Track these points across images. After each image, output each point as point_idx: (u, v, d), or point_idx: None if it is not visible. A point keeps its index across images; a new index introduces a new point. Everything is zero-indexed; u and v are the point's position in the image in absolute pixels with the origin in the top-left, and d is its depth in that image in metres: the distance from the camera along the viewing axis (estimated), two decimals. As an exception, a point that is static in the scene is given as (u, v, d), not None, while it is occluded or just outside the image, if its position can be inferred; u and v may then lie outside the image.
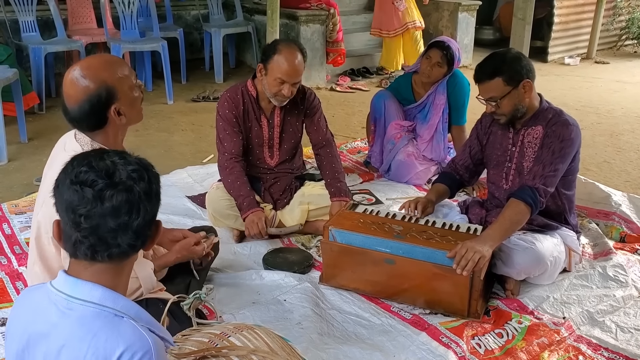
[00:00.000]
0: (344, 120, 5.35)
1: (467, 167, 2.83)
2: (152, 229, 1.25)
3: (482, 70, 2.52)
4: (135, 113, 1.92)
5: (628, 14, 8.76)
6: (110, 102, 1.81)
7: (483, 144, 2.77)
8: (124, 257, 1.22)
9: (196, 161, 4.18)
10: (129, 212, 1.17)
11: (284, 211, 3.05)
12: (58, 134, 1.98)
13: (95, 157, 1.20)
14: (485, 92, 2.51)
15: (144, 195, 1.19)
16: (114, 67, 1.85)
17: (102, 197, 1.15)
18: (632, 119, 5.45)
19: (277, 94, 2.80)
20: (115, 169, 1.18)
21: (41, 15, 5.76)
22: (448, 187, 2.82)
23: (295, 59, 2.77)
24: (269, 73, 2.79)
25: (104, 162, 1.18)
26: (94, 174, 1.16)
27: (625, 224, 3.15)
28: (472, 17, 7.47)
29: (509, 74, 2.45)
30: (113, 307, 1.18)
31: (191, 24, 7.31)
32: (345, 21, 7.01)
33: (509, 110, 2.50)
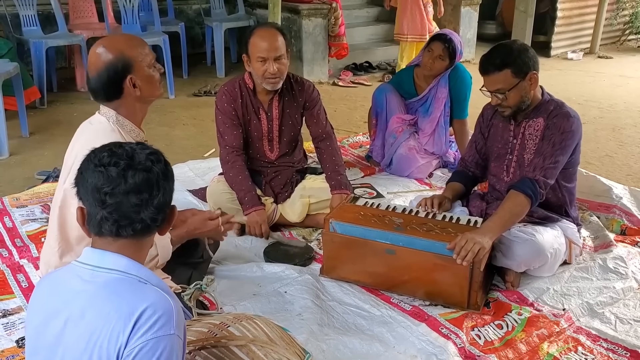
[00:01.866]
0: (346, 115, 5.34)
1: (477, 162, 2.83)
2: (169, 209, 1.35)
3: (489, 62, 2.48)
4: (150, 88, 2.04)
5: (632, 9, 8.73)
6: (126, 73, 1.97)
7: (485, 137, 2.77)
8: (147, 231, 1.31)
9: (197, 155, 4.19)
10: (149, 189, 1.28)
11: (284, 205, 3.05)
12: (59, 129, 2.04)
13: (115, 145, 1.33)
14: (492, 84, 2.48)
15: (162, 174, 1.31)
16: (134, 43, 2.03)
17: (125, 176, 1.25)
18: (634, 113, 5.44)
19: (264, 75, 2.78)
20: (134, 152, 1.29)
21: (42, 10, 5.76)
22: (463, 185, 2.82)
23: (270, 35, 2.77)
24: (251, 58, 2.80)
25: (123, 148, 1.30)
26: (116, 157, 1.27)
27: (626, 216, 3.14)
28: (474, 12, 7.45)
29: (517, 65, 2.43)
30: (137, 275, 1.27)
31: (193, 18, 7.31)
32: (348, 15, 6.99)
33: (515, 102, 2.48)
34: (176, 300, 1.26)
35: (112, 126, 2.00)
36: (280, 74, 2.81)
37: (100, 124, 2.02)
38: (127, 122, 2.04)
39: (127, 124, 2.04)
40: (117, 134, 1.98)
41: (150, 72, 2.02)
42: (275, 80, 2.82)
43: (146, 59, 2.01)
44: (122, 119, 2.03)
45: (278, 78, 2.81)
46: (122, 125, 2.03)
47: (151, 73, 2.03)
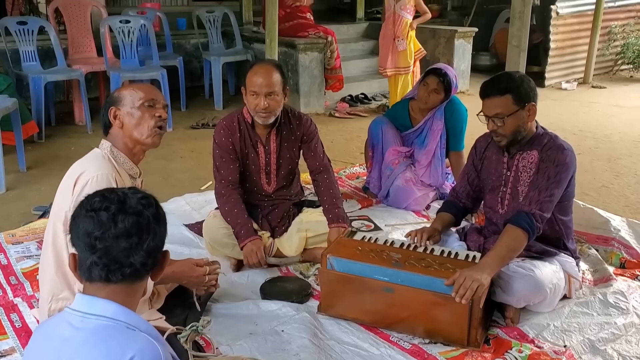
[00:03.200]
0: (342, 146, 5.36)
1: (468, 194, 2.83)
2: (160, 254, 1.35)
3: (492, 86, 2.50)
4: (133, 126, 2.11)
5: (623, 39, 8.85)
6: (111, 105, 2.13)
7: (478, 170, 2.78)
8: (137, 277, 1.31)
9: (194, 188, 4.18)
10: (139, 233, 1.28)
11: (281, 239, 3.03)
12: (57, 163, 2.08)
13: (107, 190, 1.35)
14: (491, 108, 2.49)
15: (153, 218, 1.31)
16: (137, 85, 2.24)
17: (115, 220, 1.26)
18: (629, 144, 5.47)
19: (255, 108, 2.81)
20: (126, 197, 1.31)
21: (42, 45, 5.81)
22: (453, 216, 2.82)
23: (265, 71, 2.81)
24: (247, 91, 2.84)
25: (116, 193, 1.32)
26: (108, 202, 1.29)
27: (625, 249, 3.13)
28: (468, 44, 7.55)
29: (519, 93, 2.45)
30: (126, 321, 1.26)
31: (191, 52, 7.38)
32: (343, 49, 7.08)
33: (512, 131, 2.48)
34: (165, 347, 1.26)
35: (104, 154, 2.10)
36: (271, 110, 2.83)
37: (94, 152, 2.14)
38: (121, 155, 2.12)
39: (121, 156, 2.12)
40: (108, 162, 2.07)
41: (136, 111, 2.11)
42: (266, 115, 2.84)
43: (135, 97, 2.12)
44: (117, 152, 2.12)
45: (269, 113, 2.84)
46: (116, 157, 2.11)
47: (137, 112, 2.11)
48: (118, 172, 2.07)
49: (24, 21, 5.50)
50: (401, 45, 6.04)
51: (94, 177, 1.98)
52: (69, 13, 6.02)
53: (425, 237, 2.61)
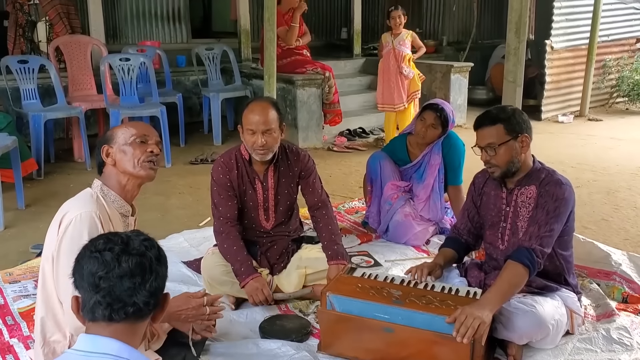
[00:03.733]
0: (341, 180, 5.37)
1: (469, 230, 2.83)
2: (162, 295, 1.38)
3: (484, 116, 2.56)
4: (126, 162, 2.10)
5: (617, 73, 8.96)
6: (104, 144, 2.14)
7: (477, 206, 2.78)
8: (139, 316, 1.33)
9: (193, 224, 4.17)
10: (142, 273, 1.31)
11: (280, 276, 3.01)
12: (56, 200, 2.07)
13: (111, 233, 1.40)
14: (484, 138, 2.52)
15: (155, 259, 1.35)
16: (130, 123, 2.27)
17: (119, 260, 1.30)
18: (627, 176, 5.48)
19: (252, 146, 2.83)
20: (129, 239, 1.35)
21: (42, 83, 5.88)
22: (455, 251, 2.81)
23: (261, 109, 2.83)
24: (244, 129, 2.85)
25: (119, 236, 1.36)
26: (111, 243, 1.33)
27: (627, 283, 3.10)
28: (464, 79, 7.63)
29: (510, 123, 2.49)
30: (129, 359, 1.28)
31: (190, 89, 7.45)
32: (341, 84, 7.16)
33: (505, 161, 2.50)
34: None
35: (94, 193, 2.09)
36: (269, 147, 2.84)
37: (84, 192, 2.12)
38: (112, 193, 2.12)
39: (111, 195, 2.11)
40: (95, 201, 2.05)
41: (129, 147, 2.11)
42: (264, 152, 2.85)
43: (127, 134, 2.12)
44: (107, 190, 2.11)
45: (267, 150, 2.85)
46: (106, 195, 2.10)
47: (129, 148, 2.11)
48: (107, 211, 2.06)
49: (25, 60, 5.57)
50: (410, 73, 6.17)
51: (77, 216, 1.97)
52: (69, 51, 6.10)
53: (426, 272, 2.59)
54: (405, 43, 6.17)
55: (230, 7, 9.16)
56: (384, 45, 6.28)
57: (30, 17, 6.29)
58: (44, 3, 6.21)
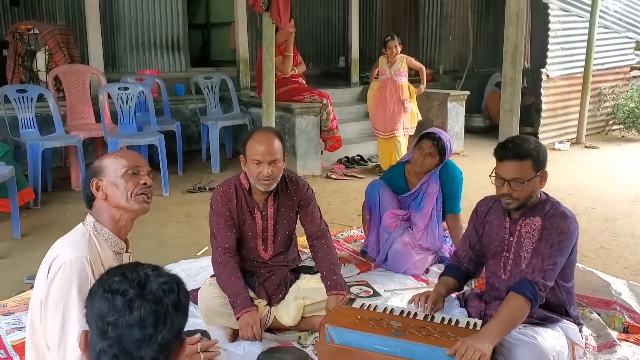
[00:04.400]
0: (340, 208, 5.36)
1: (470, 258, 2.80)
2: (176, 345, 1.24)
3: (513, 149, 2.44)
4: (117, 196, 2.02)
5: (613, 100, 9.04)
6: (93, 177, 2.04)
7: (480, 234, 2.76)
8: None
9: (190, 254, 4.14)
10: (155, 324, 1.18)
11: (278, 307, 2.98)
12: (52, 230, 2.05)
13: (129, 268, 1.25)
14: (510, 171, 2.43)
15: (173, 308, 1.20)
16: (118, 153, 2.12)
17: (131, 306, 1.17)
18: (625, 204, 5.48)
19: (258, 176, 2.81)
20: (148, 280, 1.21)
21: (40, 112, 5.89)
22: (456, 280, 2.77)
23: (267, 139, 2.82)
24: (247, 159, 2.84)
25: (137, 273, 1.22)
26: (127, 284, 1.20)
27: (627, 313, 3.08)
28: (461, 107, 7.69)
29: (537, 159, 2.44)
30: None
31: (189, 117, 7.48)
32: (339, 112, 7.21)
33: (525, 196, 2.46)
34: None
35: (86, 232, 1.99)
36: (274, 177, 2.84)
37: (77, 229, 2.03)
38: (104, 230, 2.03)
39: (104, 231, 2.02)
40: (87, 239, 1.96)
41: (120, 179, 2.02)
42: (269, 183, 2.84)
43: (118, 165, 2.03)
44: (100, 227, 2.02)
45: (271, 180, 2.84)
46: (99, 232, 2.02)
47: (120, 181, 2.02)
48: (99, 253, 1.96)
49: (24, 89, 5.59)
50: (409, 107, 6.34)
51: (67, 261, 1.86)
52: (68, 81, 6.14)
53: (430, 303, 2.55)
54: (401, 72, 6.31)
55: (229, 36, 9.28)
56: (380, 71, 6.39)
57: (29, 47, 6.33)
58: (44, 33, 6.27)
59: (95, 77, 6.42)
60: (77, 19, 7.36)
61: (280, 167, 2.86)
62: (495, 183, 2.51)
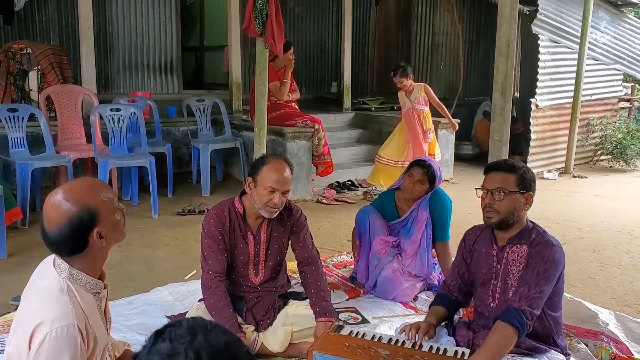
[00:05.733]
0: (330, 233, 5.36)
1: (459, 287, 2.81)
2: None
3: (499, 163, 2.63)
4: (116, 235, 1.89)
5: (601, 131, 9.16)
6: (93, 226, 1.78)
7: (468, 263, 2.77)
8: None
9: (178, 277, 4.11)
10: None
11: (266, 333, 2.96)
12: (39, 250, 1.95)
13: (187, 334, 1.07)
14: (493, 181, 2.55)
15: None
16: (97, 190, 1.84)
17: None
18: (613, 234, 5.52)
19: (267, 203, 2.82)
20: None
21: (31, 131, 5.88)
22: (446, 309, 2.78)
23: (284, 169, 2.84)
24: (259, 184, 2.83)
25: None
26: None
27: (614, 344, 3.09)
28: (451, 134, 7.76)
29: (522, 178, 2.54)
30: None
31: (180, 139, 7.49)
32: (331, 137, 7.24)
33: (507, 210, 2.52)
34: None
35: (62, 284, 1.76)
36: (282, 205, 2.87)
37: (51, 279, 1.79)
38: (82, 275, 1.82)
39: (82, 277, 1.82)
40: (66, 295, 1.74)
41: (115, 219, 1.86)
42: (275, 210, 2.87)
43: (111, 204, 1.84)
44: (77, 273, 1.81)
45: (279, 209, 2.88)
46: (76, 280, 1.80)
47: (116, 219, 1.87)
48: (82, 309, 1.76)
49: (15, 108, 5.58)
50: (430, 137, 6.64)
51: (52, 331, 1.65)
52: (60, 101, 6.14)
53: (422, 334, 2.55)
54: (420, 100, 6.55)
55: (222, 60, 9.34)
56: (401, 104, 6.61)
57: (22, 66, 6.34)
58: (37, 52, 6.28)
59: (88, 97, 6.42)
60: (71, 40, 7.38)
61: (287, 195, 2.88)
62: (479, 194, 2.61)
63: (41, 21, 7.31)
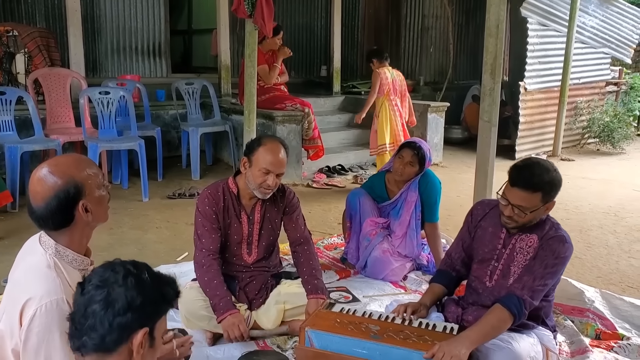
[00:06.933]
0: (320, 217, 5.39)
1: (463, 260, 2.80)
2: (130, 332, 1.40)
3: (527, 179, 2.41)
4: (101, 212, 1.89)
5: (588, 114, 9.23)
6: (78, 198, 1.79)
7: (472, 237, 2.75)
8: (104, 350, 1.38)
9: (170, 259, 4.13)
10: (105, 308, 1.38)
11: (259, 311, 3.00)
12: (30, 233, 1.94)
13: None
14: (518, 199, 2.42)
15: (119, 292, 1.43)
16: (82, 164, 1.85)
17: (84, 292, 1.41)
18: (599, 215, 5.60)
19: (261, 184, 2.83)
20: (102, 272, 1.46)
21: (19, 115, 5.84)
22: (445, 287, 2.80)
23: (279, 151, 2.85)
24: (254, 164, 2.84)
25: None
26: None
27: (600, 320, 3.16)
28: (441, 118, 7.79)
29: (548, 193, 2.42)
30: None
31: (169, 122, 7.47)
32: (320, 121, 7.24)
33: (526, 221, 2.47)
34: None
35: (49, 260, 1.78)
36: (276, 187, 2.89)
37: (38, 256, 1.80)
38: (68, 251, 1.83)
39: (68, 253, 1.82)
40: (54, 270, 1.76)
41: (101, 194, 1.86)
42: (269, 192, 2.89)
43: (95, 179, 1.84)
44: (63, 249, 1.81)
45: (272, 190, 2.89)
46: (63, 256, 1.81)
47: (101, 194, 1.87)
48: (67, 281, 1.76)
49: (3, 91, 5.54)
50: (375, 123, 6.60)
51: (42, 306, 1.67)
52: (48, 84, 6.09)
53: (410, 312, 2.59)
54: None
55: (210, 43, 9.28)
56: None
57: (8, 49, 6.28)
58: (23, 35, 6.22)
59: (76, 81, 6.38)
60: (58, 22, 7.31)
61: (281, 177, 2.91)
62: (501, 201, 2.50)
63: (27, 3, 7.22)
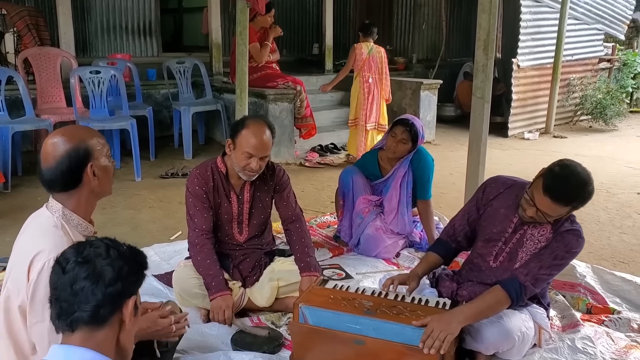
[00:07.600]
0: (313, 195, 5.40)
1: (466, 234, 2.78)
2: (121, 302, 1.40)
3: (562, 193, 2.34)
4: (106, 181, 1.98)
5: (581, 91, 9.23)
6: (87, 161, 1.88)
7: (480, 213, 2.73)
8: (95, 323, 1.35)
9: (163, 238, 4.14)
10: (90, 281, 1.37)
11: (253, 288, 3.01)
12: (23, 213, 1.97)
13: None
14: (546, 206, 2.37)
15: (105, 265, 1.39)
16: (92, 133, 1.97)
17: (64, 269, 1.39)
18: (591, 191, 5.62)
19: (245, 167, 2.82)
20: (84, 248, 1.42)
21: (9, 95, 5.78)
22: (442, 257, 2.79)
23: (262, 134, 2.80)
24: (237, 147, 2.82)
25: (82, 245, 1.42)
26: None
27: (591, 295, 3.20)
28: (433, 95, 7.77)
29: (578, 207, 2.42)
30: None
31: (161, 102, 7.42)
32: (313, 99, 7.21)
33: (546, 222, 2.47)
34: None
35: (56, 221, 1.87)
36: (260, 170, 2.86)
37: (45, 218, 1.89)
38: (74, 216, 1.91)
39: (74, 217, 1.91)
40: (60, 230, 1.85)
41: (107, 163, 1.96)
42: (253, 175, 2.87)
43: (103, 149, 1.95)
44: (69, 213, 1.90)
45: (257, 173, 2.87)
46: (69, 220, 1.89)
47: (108, 163, 1.96)
48: (74, 241, 1.80)
49: (-8, 71, 5.49)
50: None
51: (50, 260, 1.72)
52: (38, 63, 6.03)
53: (396, 284, 2.61)
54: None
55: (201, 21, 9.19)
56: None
57: (-3, 28, 6.21)
58: (12, 14, 6.14)
59: (66, 60, 6.31)
60: (47, 1, 7.21)
61: (267, 160, 2.88)
62: (526, 199, 2.45)
63: (14, -19, 7.11)
